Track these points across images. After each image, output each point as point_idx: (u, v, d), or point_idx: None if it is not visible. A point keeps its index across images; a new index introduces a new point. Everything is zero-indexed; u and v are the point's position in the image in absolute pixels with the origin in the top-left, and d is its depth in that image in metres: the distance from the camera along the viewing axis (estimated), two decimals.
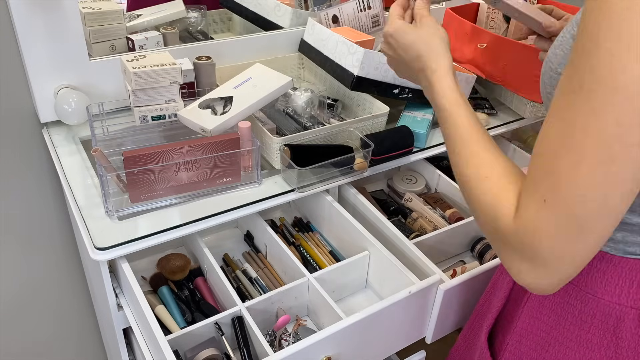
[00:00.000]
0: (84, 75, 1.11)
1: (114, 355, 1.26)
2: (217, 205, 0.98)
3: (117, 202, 0.94)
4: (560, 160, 0.50)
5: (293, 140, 1.03)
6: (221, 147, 0.96)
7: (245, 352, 0.89)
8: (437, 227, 1.16)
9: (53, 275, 1.39)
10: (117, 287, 0.98)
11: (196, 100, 1.05)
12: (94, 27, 1.15)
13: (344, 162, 1.06)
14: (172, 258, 1.08)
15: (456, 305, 1.01)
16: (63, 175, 1.02)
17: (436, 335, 1.03)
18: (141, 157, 0.91)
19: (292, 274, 1.03)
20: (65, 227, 1.34)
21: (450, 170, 1.37)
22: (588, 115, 0.48)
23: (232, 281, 1.05)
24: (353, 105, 1.24)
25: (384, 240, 1.04)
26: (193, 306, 1.02)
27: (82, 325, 1.52)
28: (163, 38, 1.21)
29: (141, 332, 0.94)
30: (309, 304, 1.03)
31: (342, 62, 1.14)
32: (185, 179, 0.96)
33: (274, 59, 1.31)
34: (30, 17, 1.00)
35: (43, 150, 1.20)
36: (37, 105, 1.10)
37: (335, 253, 1.14)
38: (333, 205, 1.10)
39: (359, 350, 0.93)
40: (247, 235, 1.20)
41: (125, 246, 0.89)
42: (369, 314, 0.88)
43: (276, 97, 1.09)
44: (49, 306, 1.43)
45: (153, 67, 0.97)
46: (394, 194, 1.34)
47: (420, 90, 1.18)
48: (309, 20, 1.28)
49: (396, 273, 0.98)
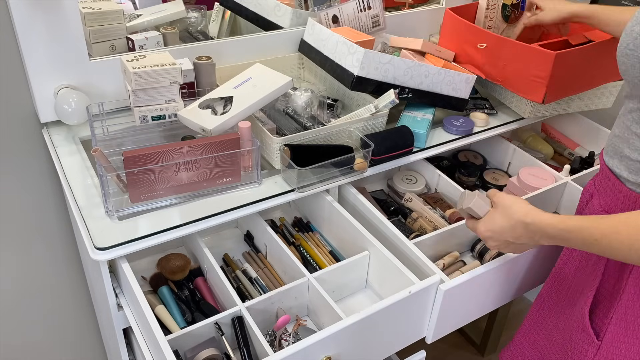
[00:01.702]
0: (84, 75, 1.11)
1: (114, 355, 1.26)
2: (217, 205, 0.98)
3: (117, 202, 0.94)
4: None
5: (293, 140, 1.03)
6: (221, 147, 0.96)
7: (245, 352, 0.89)
8: (437, 227, 1.16)
9: (53, 275, 1.39)
10: (117, 287, 0.98)
11: (196, 100, 1.05)
12: (94, 27, 1.15)
13: (344, 162, 1.06)
14: (172, 258, 1.08)
15: (456, 305, 1.01)
16: (63, 175, 1.02)
17: (436, 335, 1.03)
18: (141, 157, 0.91)
19: (292, 274, 1.03)
20: (65, 227, 1.34)
21: (450, 170, 1.38)
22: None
23: (232, 281, 1.05)
24: (353, 105, 1.24)
25: (384, 240, 1.04)
26: (193, 306, 1.02)
27: (82, 325, 1.52)
28: (163, 38, 1.21)
29: (141, 332, 0.94)
30: (309, 304, 1.03)
31: (342, 62, 1.14)
32: (185, 179, 0.96)
33: (274, 59, 1.31)
34: (30, 17, 1.00)
35: (43, 150, 1.20)
36: (37, 105, 1.10)
37: (335, 253, 1.14)
38: (333, 205, 1.10)
39: (359, 350, 0.93)
40: (247, 235, 1.20)
41: (125, 246, 0.89)
42: (369, 314, 0.88)
43: (276, 97, 1.09)
44: (49, 306, 1.43)
45: (153, 67, 0.97)
46: (394, 194, 1.34)
47: (420, 90, 1.19)
48: (309, 20, 1.28)
49: (396, 273, 0.98)
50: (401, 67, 1.13)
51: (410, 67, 1.14)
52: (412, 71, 1.15)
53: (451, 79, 1.21)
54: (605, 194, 0.87)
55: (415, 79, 1.17)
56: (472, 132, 1.26)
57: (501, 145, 1.41)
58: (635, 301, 0.78)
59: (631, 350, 0.80)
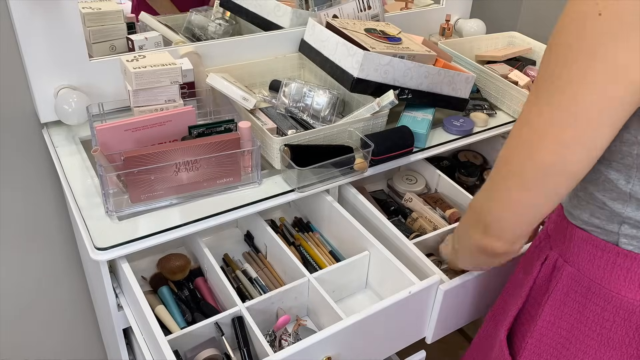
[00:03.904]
0: (84, 75, 1.11)
1: (114, 355, 1.26)
2: (217, 206, 0.98)
3: (117, 202, 0.94)
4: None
5: (293, 140, 1.04)
6: (221, 147, 0.96)
7: (245, 352, 0.89)
8: (437, 227, 1.16)
9: (53, 275, 1.39)
10: (117, 287, 0.98)
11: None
12: (94, 27, 1.15)
13: (344, 162, 1.06)
14: (172, 258, 1.08)
15: (456, 306, 1.01)
16: (63, 175, 1.02)
17: (436, 335, 1.03)
18: (141, 157, 0.91)
19: (292, 274, 1.03)
20: (65, 227, 1.34)
21: (450, 170, 1.38)
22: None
23: (232, 281, 1.05)
24: (353, 106, 1.24)
25: (384, 240, 1.04)
26: (193, 306, 1.02)
27: (82, 325, 1.52)
28: (163, 38, 1.21)
29: (141, 332, 0.94)
30: (309, 304, 1.03)
31: (342, 64, 1.14)
32: (185, 179, 0.96)
33: (274, 59, 1.31)
34: (31, 17, 1.00)
35: (43, 150, 1.20)
36: (37, 105, 1.10)
37: (335, 253, 1.14)
38: (333, 205, 1.10)
39: (359, 350, 0.93)
40: (247, 235, 1.20)
41: (125, 246, 0.89)
42: (369, 314, 0.88)
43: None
44: (49, 306, 1.43)
45: (153, 67, 0.97)
46: (394, 194, 1.34)
47: (420, 91, 1.19)
48: (310, 20, 1.28)
49: (396, 273, 0.98)
50: (401, 68, 1.13)
51: (410, 68, 1.14)
52: (412, 72, 1.15)
53: (451, 79, 1.21)
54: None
55: (415, 79, 1.17)
56: (472, 132, 1.26)
57: (501, 145, 1.40)
58: (549, 329, 0.77)
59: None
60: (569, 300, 0.74)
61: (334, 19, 1.27)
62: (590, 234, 0.71)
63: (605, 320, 0.70)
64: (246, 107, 1.10)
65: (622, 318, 0.68)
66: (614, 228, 0.68)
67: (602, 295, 0.70)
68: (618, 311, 0.69)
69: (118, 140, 0.96)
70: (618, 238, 0.68)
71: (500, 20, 1.81)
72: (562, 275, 0.74)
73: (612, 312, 0.69)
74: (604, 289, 0.69)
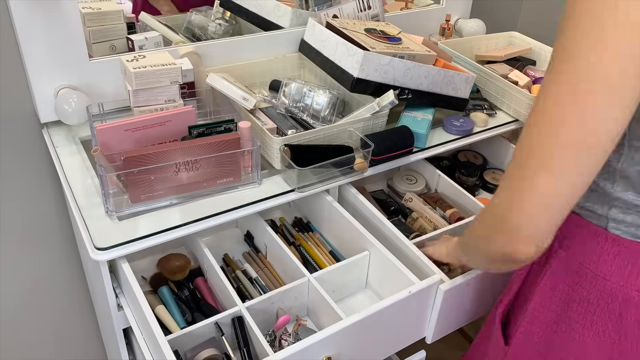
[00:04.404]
0: (84, 75, 1.11)
1: (114, 355, 1.26)
2: (217, 206, 0.98)
3: (117, 202, 0.94)
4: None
5: (293, 140, 1.04)
6: (221, 147, 0.96)
7: (245, 352, 0.89)
8: (437, 227, 1.16)
9: (53, 275, 1.39)
10: (117, 287, 0.98)
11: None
12: (94, 27, 1.15)
13: (344, 162, 1.06)
14: (172, 258, 1.08)
15: (456, 305, 1.01)
16: (63, 175, 1.02)
17: (436, 335, 1.03)
18: (141, 157, 0.91)
19: (292, 274, 1.03)
20: (65, 227, 1.34)
21: (450, 170, 1.38)
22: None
23: (232, 281, 1.05)
24: (353, 106, 1.24)
25: (384, 240, 1.04)
26: (193, 306, 1.02)
27: (82, 325, 1.52)
28: (163, 38, 1.21)
29: (141, 332, 0.94)
30: (309, 304, 1.03)
31: (342, 64, 1.14)
32: (185, 179, 0.96)
33: (274, 59, 1.31)
34: (30, 17, 1.00)
35: (43, 150, 1.20)
36: (37, 105, 1.10)
37: (335, 253, 1.14)
38: (333, 205, 1.10)
39: (359, 350, 0.93)
40: (247, 235, 1.20)
41: (125, 246, 0.89)
42: (369, 314, 0.88)
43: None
44: (49, 306, 1.43)
45: (153, 67, 0.97)
46: (394, 194, 1.34)
47: (420, 91, 1.19)
48: (310, 20, 1.28)
49: (396, 273, 0.98)
50: (401, 68, 1.13)
51: (409, 68, 1.14)
52: (412, 72, 1.15)
53: (451, 79, 1.21)
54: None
55: (415, 79, 1.17)
56: (472, 132, 1.26)
57: (501, 145, 1.41)
58: (540, 311, 0.77)
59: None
60: (559, 283, 0.75)
61: (334, 19, 1.27)
62: (583, 219, 0.72)
63: (590, 304, 0.71)
64: (246, 107, 1.11)
65: (606, 302, 0.70)
66: (604, 211, 0.69)
67: (589, 279, 0.71)
68: (602, 295, 0.70)
69: (118, 140, 0.96)
70: (607, 222, 0.69)
71: (500, 20, 1.81)
72: (555, 258, 0.76)
73: (596, 295, 0.71)
74: (591, 273, 0.70)
